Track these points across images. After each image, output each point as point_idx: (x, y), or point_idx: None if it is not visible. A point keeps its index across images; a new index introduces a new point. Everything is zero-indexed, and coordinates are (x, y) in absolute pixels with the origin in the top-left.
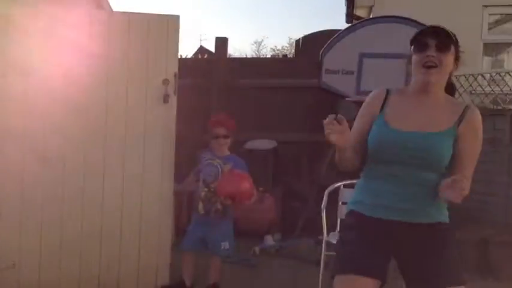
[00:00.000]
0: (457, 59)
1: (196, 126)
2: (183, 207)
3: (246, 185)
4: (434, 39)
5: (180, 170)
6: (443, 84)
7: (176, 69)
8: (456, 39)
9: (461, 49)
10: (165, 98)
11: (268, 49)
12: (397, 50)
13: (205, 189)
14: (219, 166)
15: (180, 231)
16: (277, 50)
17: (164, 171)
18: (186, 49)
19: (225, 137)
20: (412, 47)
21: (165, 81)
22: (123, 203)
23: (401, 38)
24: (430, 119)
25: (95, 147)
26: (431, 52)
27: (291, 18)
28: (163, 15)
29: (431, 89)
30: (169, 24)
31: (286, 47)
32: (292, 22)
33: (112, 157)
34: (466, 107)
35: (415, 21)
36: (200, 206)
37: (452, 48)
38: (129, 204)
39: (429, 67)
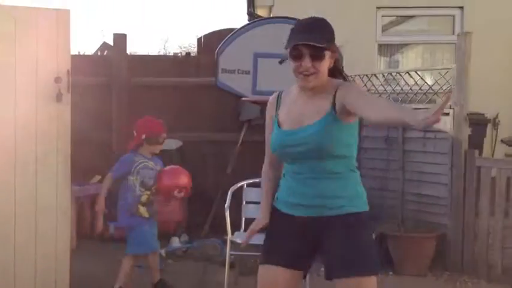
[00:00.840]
0: (334, 50)
1: (96, 125)
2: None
3: (187, 177)
4: (308, 50)
5: (82, 171)
6: (324, 77)
7: (69, 66)
8: (331, 34)
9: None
10: (58, 97)
11: (176, 46)
12: None
13: (147, 192)
14: (154, 168)
15: (82, 235)
16: (184, 47)
17: (60, 172)
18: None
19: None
20: (288, 51)
21: (58, 79)
22: (15, 208)
23: None
24: (311, 111)
25: None
26: (306, 62)
27: (199, 15)
28: (53, 9)
29: (312, 88)
30: (59, 19)
31: (193, 44)
32: (200, 20)
33: (1, 160)
34: (338, 85)
35: None
36: (142, 209)
37: (327, 50)
38: (22, 209)
39: (306, 75)
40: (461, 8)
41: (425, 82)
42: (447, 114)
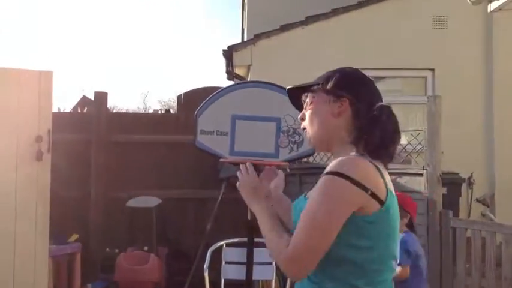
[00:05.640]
0: (338, 95)
1: (74, 182)
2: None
3: None
4: (303, 100)
5: (60, 230)
6: (320, 136)
7: (50, 126)
8: (327, 78)
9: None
10: (38, 156)
11: (155, 101)
12: (266, 113)
13: None
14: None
15: None
16: (164, 102)
17: (38, 231)
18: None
19: None
20: None
21: (38, 138)
22: None
23: (269, 102)
24: None
25: None
26: (302, 115)
27: (178, 71)
28: (36, 70)
29: (321, 150)
30: (42, 80)
31: (173, 99)
32: (179, 75)
33: None
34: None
35: (281, 87)
36: None
37: (315, 94)
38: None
39: (304, 129)
40: (433, 70)
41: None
42: (421, 175)
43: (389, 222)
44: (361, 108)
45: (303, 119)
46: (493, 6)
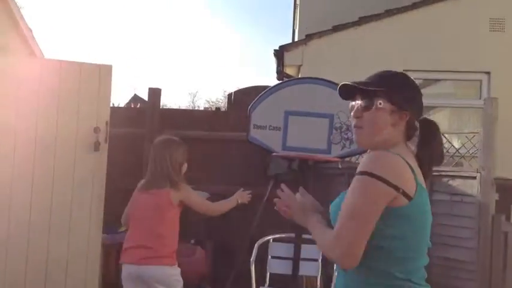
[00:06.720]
0: (401, 108)
1: (128, 174)
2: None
3: None
4: (360, 98)
5: (111, 219)
6: (378, 137)
7: (108, 118)
8: (394, 83)
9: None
10: (96, 146)
11: (203, 101)
12: (320, 110)
13: None
14: None
15: (107, 284)
16: (212, 102)
17: (92, 221)
18: (120, 98)
19: None
20: None
21: (96, 129)
22: (48, 253)
23: (323, 98)
24: None
25: (22, 192)
26: (357, 112)
27: (227, 71)
28: (96, 64)
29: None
30: (101, 73)
31: (221, 99)
32: (228, 75)
33: (38, 206)
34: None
35: (335, 83)
36: None
37: (381, 101)
38: (54, 254)
39: (356, 128)
40: (488, 73)
41: (452, 145)
42: (474, 178)
43: (420, 214)
44: (415, 122)
45: (359, 117)
46: None
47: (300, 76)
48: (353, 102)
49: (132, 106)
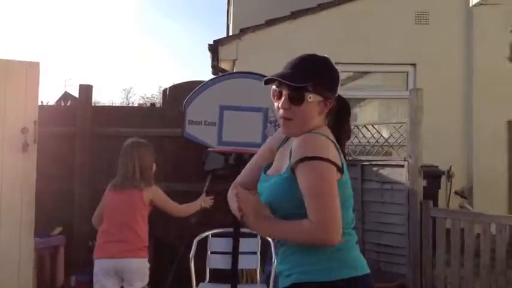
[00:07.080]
0: (327, 97)
1: (58, 175)
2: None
3: None
4: (287, 89)
5: (43, 222)
6: (307, 126)
7: (36, 117)
8: (322, 75)
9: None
10: (24, 147)
11: (138, 97)
12: (254, 103)
13: None
14: None
15: (47, 287)
16: (147, 98)
17: (23, 222)
18: (50, 96)
19: None
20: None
21: (24, 130)
22: None
23: (256, 92)
24: (280, 162)
25: None
26: (285, 104)
27: (162, 66)
28: (23, 61)
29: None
30: (28, 71)
31: (156, 95)
32: (163, 71)
33: None
34: (297, 142)
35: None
36: None
37: (311, 95)
38: None
39: (285, 119)
40: (414, 65)
41: (381, 135)
42: (402, 166)
43: (348, 181)
44: (333, 104)
45: (286, 108)
46: (474, 0)
47: (235, 70)
48: (275, 87)
49: (63, 104)
